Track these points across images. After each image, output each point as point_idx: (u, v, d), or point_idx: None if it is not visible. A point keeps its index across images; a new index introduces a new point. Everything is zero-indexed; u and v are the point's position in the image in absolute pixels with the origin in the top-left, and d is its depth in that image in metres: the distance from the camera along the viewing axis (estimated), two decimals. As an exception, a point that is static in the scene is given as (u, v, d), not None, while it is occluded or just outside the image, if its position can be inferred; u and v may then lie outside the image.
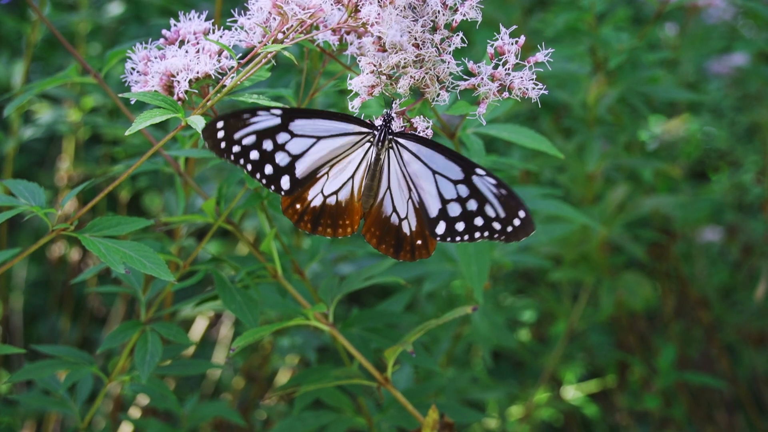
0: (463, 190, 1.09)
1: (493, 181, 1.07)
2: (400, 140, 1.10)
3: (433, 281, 1.78)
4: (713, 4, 2.36)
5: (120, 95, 1.13)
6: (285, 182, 1.12)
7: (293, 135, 1.10)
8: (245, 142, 1.08)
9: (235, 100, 1.11)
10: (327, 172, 1.13)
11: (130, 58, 1.19)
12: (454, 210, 1.09)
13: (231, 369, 2.38)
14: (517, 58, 1.09)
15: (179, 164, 1.42)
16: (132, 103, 1.22)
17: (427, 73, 1.09)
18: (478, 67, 1.10)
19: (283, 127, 1.09)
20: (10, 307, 2.44)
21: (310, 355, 1.92)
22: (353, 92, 1.11)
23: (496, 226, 1.08)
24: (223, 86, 1.09)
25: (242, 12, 1.16)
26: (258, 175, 1.10)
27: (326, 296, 1.39)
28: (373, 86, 1.10)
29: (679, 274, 2.55)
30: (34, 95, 1.43)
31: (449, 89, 1.11)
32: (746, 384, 2.53)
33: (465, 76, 1.10)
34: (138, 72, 1.18)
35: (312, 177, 1.12)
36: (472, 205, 1.08)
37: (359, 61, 1.11)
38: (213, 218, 1.30)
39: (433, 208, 1.10)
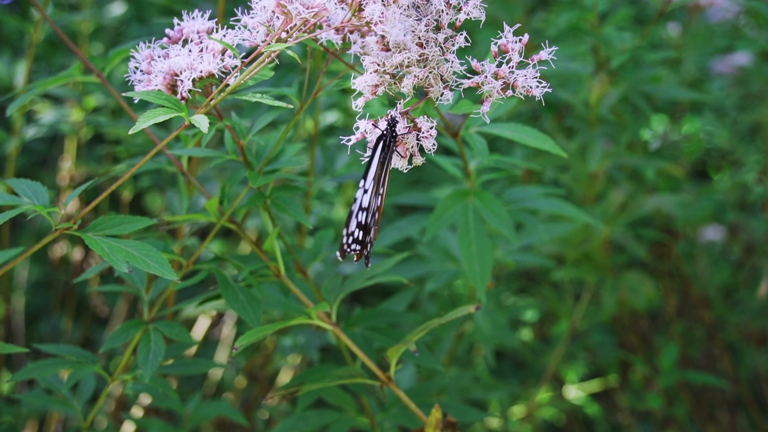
0: (358, 204, 1.10)
1: (365, 204, 1.08)
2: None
3: (436, 281, 1.78)
4: (715, 3, 2.36)
5: (123, 94, 1.13)
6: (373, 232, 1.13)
7: (366, 190, 1.11)
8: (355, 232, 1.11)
9: (238, 99, 1.11)
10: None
11: (133, 57, 1.19)
12: (359, 219, 1.10)
13: (233, 368, 2.38)
14: (520, 57, 1.09)
15: (182, 163, 1.42)
16: (135, 102, 1.22)
17: (430, 72, 1.08)
18: (482, 65, 1.10)
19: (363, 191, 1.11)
20: (12, 307, 2.44)
21: (313, 354, 1.92)
22: (357, 92, 1.11)
23: (357, 247, 1.09)
24: (227, 85, 1.09)
25: (245, 11, 1.16)
26: (366, 247, 1.12)
27: (329, 295, 1.39)
28: (376, 85, 1.10)
29: (681, 274, 2.55)
30: (36, 95, 1.43)
31: (453, 88, 1.11)
32: (748, 383, 2.53)
33: (469, 75, 1.10)
34: (141, 71, 1.18)
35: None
36: (360, 216, 1.09)
37: (363, 60, 1.11)
38: (216, 217, 1.30)
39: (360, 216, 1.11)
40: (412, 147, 1.13)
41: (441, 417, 1.28)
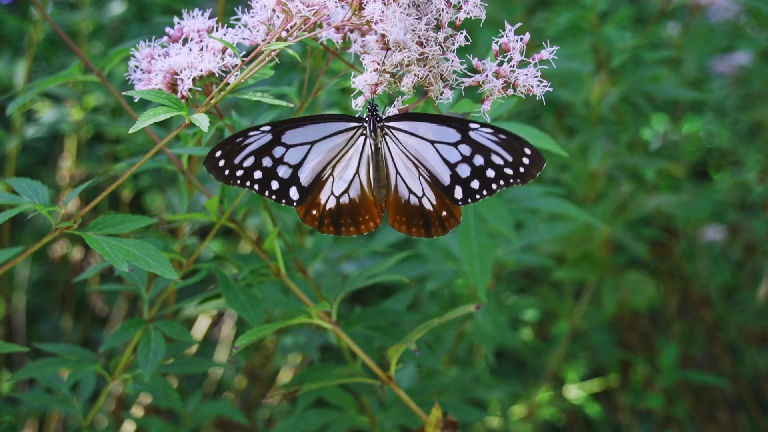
0: (466, 149, 1.09)
1: (490, 130, 1.08)
2: (391, 123, 1.11)
3: (436, 280, 1.78)
4: (716, 2, 2.35)
5: (123, 93, 1.13)
6: (293, 193, 1.13)
7: (288, 146, 1.11)
8: (246, 164, 1.11)
9: (238, 98, 1.11)
10: (331, 173, 1.14)
11: (133, 56, 1.19)
12: (464, 171, 1.10)
13: (233, 368, 2.38)
14: (522, 56, 1.09)
15: (182, 162, 1.41)
16: (135, 101, 1.22)
17: (430, 71, 1.08)
18: (483, 64, 1.09)
19: (276, 141, 1.11)
20: (12, 306, 2.44)
21: (313, 353, 1.91)
22: (356, 90, 1.11)
23: (508, 171, 1.08)
24: (227, 84, 1.09)
25: (246, 10, 1.16)
26: (267, 193, 1.12)
27: (329, 295, 1.39)
28: (376, 84, 1.10)
29: (682, 273, 2.54)
30: (36, 94, 1.43)
31: (453, 87, 1.11)
32: (749, 383, 2.53)
33: (469, 74, 1.10)
34: (141, 70, 1.18)
35: (318, 182, 1.14)
36: (478, 160, 1.09)
37: (363, 59, 1.11)
38: (216, 217, 1.30)
39: (444, 176, 1.11)
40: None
41: (441, 416, 1.28)
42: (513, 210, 1.57)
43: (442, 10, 1.07)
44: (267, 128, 1.10)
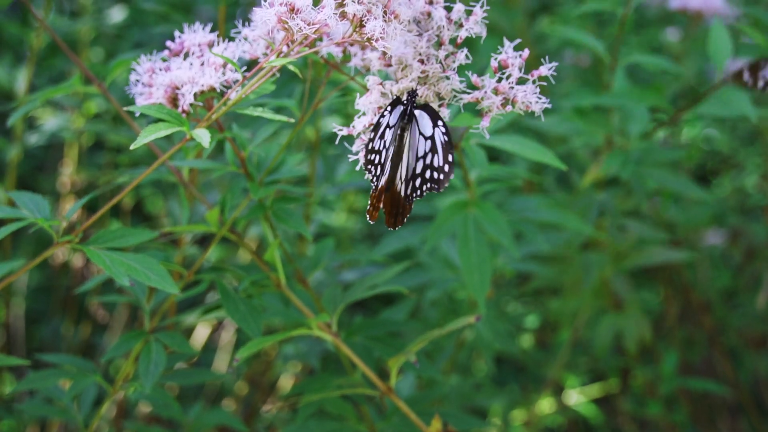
0: (428, 145, 1.06)
1: (443, 129, 1.04)
2: (415, 111, 1.09)
3: (437, 289, 1.78)
4: (716, 10, 2.36)
5: (125, 108, 1.14)
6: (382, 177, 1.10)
7: (389, 126, 1.08)
8: (377, 146, 1.08)
9: (239, 112, 1.11)
10: (387, 154, 1.10)
11: (134, 69, 1.19)
12: (419, 166, 1.06)
13: (234, 375, 2.39)
14: (521, 72, 1.09)
15: (183, 174, 1.42)
16: (137, 115, 1.23)
17: (430, 89, 1.09)
18: (482, 80, 1.10)
19: (386, 122, 1.08)
20: (12, 312, 2.44)
21: (314, 362, 1.92)
22: (360, 112, 1.11)
23: (435, 174, 1.05)
24: (228, 99, 1.09)
25: (245, 23, 1.16)
26: (375, 179, 1.09)
27: (330, 305, 1.39)
28: (380, 107, 1.10)
29: (682, 279, 2.54)
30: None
31: (450, 104, 1.11)
32: (749, 388, 2.53)
33: (468, 90, 1.10)
34: (143, 84, 1.18)
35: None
36: (428, 158, 1.06)
37: (367, 81, 1.11)
38: (216, 228, 1.30)
39: (411, 168, 1.08)
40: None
41: (441, 427, 1.28)
42: (513, 220, 1.57)
43: (443, 27, 1.08)
44: (390, 108, 1.07)
